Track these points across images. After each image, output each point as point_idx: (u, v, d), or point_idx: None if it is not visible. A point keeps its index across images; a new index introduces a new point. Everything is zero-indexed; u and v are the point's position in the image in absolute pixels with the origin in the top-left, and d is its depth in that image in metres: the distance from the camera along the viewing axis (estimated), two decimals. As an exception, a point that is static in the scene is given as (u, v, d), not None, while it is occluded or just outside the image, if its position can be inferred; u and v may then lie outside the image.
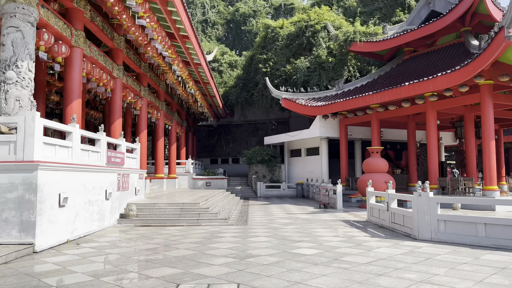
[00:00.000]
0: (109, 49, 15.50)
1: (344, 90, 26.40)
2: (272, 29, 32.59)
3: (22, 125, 8.34)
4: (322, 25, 30.78)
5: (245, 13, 50.18)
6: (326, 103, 23.95)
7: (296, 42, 31.40)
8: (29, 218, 8.09)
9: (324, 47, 30.13)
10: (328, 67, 29.25)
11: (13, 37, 8.94)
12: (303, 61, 29.86)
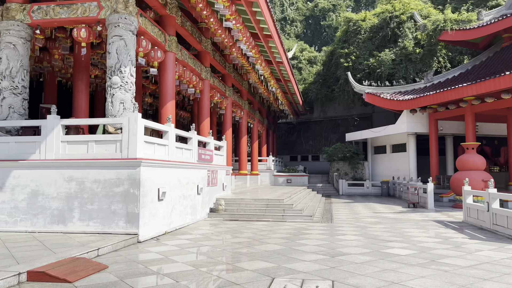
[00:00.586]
0: (197, 52, 16.31)
1: (433, 82, 24.82)
2: (353, 22, 31.70)
3: (127, 126, 9.15)
4: (408, 15, 29.22)
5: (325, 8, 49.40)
6: (414, 97, 22.72)
7: (379, 34, 30.21)
8: (133, 210, 8.86)
9: (410, 38, 28.60)
10: (416, 58, 27.70)
11: (117, 45, 9.84)
12: (387, 54, 28.63)
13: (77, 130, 9.86)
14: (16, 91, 10.22)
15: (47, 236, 8.54)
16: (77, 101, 12.79)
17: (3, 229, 9.22)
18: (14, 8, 10.27)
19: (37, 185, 9.24)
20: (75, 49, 12.67)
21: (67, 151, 9.38)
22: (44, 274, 5.48)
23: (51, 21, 10.38)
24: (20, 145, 9.54)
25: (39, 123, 9.63)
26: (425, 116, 24.53)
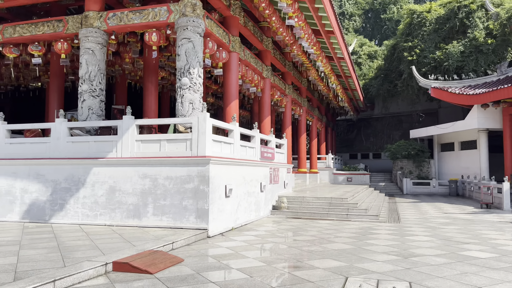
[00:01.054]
0: (258, 51, 16.49)
1: (508, 74, 23.10)
2: (417, 14, 30.31)
3: (196, 125, 9.49)
4: (479, 4, 27.41)
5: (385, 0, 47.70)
6: (486, 90, 21.29)
7: (446, 25, 28.62)
8: (203, 206, 9.17)
9: (481, 28, 26.81)
10: (487, 50, 25.93)
11: (186, 47, 10.21)
12: (455, 46, 27.07)
13: (149, 130, 10.38)
14: (94, 94, 10.96)
15: (124, 230, 9.09)
16: (147, 102, 13.45)
17: (85, 221, 9.96)
18: (92, 16, 11.01)
19: (115, 181, 9.86)
20: (145, 52, 13.33)
21: (141, 150, 9.92)
22: (127, 265, 5.86)
23: (124, 27, 11.01)
24: (98, 144, 10.24)
25: (116, 123, 10.27)
26: (498, 111, 22.89)
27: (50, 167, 10.41)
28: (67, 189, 10.19)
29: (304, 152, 24.46)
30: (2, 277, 4.99)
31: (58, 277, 4.97)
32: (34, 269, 5.42)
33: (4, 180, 10.75)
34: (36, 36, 11.72)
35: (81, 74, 11.04)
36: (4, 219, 10.64)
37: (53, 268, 5.50)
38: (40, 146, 10.77)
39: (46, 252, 6.61)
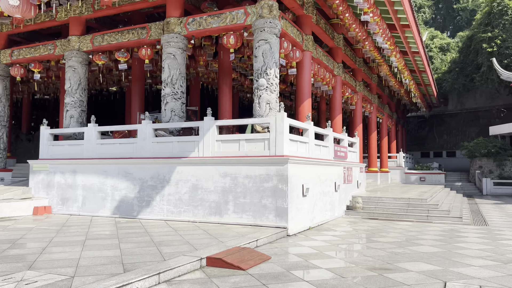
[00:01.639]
0: (329, 48, 16.30)
1: None
2: (498, 2, 28.14)
3: (274, 125, 9.62)
4: None
5: (459, -11, 44.93)
6: None
7: (532, 12, 26.31)
8: (282, 205, 9.28)
9: None
10: None
11: (263, 49, 10.38)
12: (543, 34, 24.78)
13: (228, 130, 10.70)
14: (176, 96, 11.51)
15: (207, 226, 9.46)
16: (222, 103, 13.87)
17: (170, 218, 10.50)
18: (173, 22, 11.56)
19: (197, 179, 10.29)
20: (220, 55, 13.74)
21: (221, 149, 10.26)
22: (220, 261, 6.09)
23: (203, 31, 11.43)
24: (181, 144, 10.75)
25: (197, 124, 10.71)
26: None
27: (137, 166, 11.11)
28: (153, 187, 10.81)
29: (375, 150, 23.78)
30: (115, 268, 5.43)
31: (162, 270, 5.31)
32: (137, 262, 5.83)
33: (96, 178, 11.66)
34: (122, 43, 12.55)
35: (163, 78, 11.64)
36: (97, 214, 11.54)
37: (153, 261, 5.87)
38: (128, 146, 11.53)
39: (143, 245, 7.08)
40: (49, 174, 12.46)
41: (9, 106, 15.41)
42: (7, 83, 15.04)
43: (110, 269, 5.38)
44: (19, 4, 11.23)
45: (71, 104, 13.13)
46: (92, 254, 6.33)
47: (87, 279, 4.89)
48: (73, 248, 6.83)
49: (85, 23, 13.61)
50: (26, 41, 16.43)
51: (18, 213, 11.38)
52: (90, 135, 12.06)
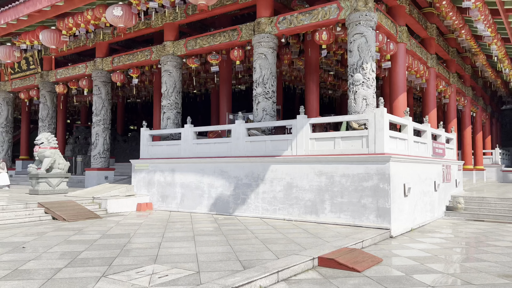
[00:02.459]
0: (421, 39, 15.38)
1: None
2: None
3: (372, 121, 9.27)
4: None
5: None
6: None
7: None
8: (384, 205, 8.90)
9: None
10: None
11: (358, 43, 10.06)
12: None
13: (321, 128, 10.53)
14: (267, 96, 11.60)
15: (304, 225, 9.39)
16: (309, 100, 13.74)
17: (265, 215, 10.62)
18: (264, 22, 11.66)
19: (291, 178, 10.27)
20: (307, 52, 13.60)
21: (315, 147, 10.13)
22: (333, 261, 5.97)
23: (294, 29, 11.38)
24: (274, 143, 10.80)
25: (290, 123, 10.70)
26: None
27: (232, 164, 11.38)
28: (247, 185, 11.01)
29: (470, 147, 22.06)
30: (233, 265, 5.56)
31: (280, 268, 5.32)
32: (252, 259, 5.91)
33: (194, 176, 12.16)
34: (214, 46, 12.95)
35: (255, 78, 11.80)
36: (195, 210, 12.04)
37: (267, 259, 5.92)
38: (222, 145, 11.87)
39: (250, 243, 7.19)
40: (150, 172, 13.26)
41: (110, 110, 16.68)
42: (109, 88, 16.30)
43: (229, 266, 5.51)
44: (122, 14, 12.07)
45: (167, 106, 13.84)
46: (206, 250, 6.56)
47: (212, 275, 5.05)
48: (186, 243, 7.14)
49: (178, 28, 14.26)
50: (123, 49, 17.67)
51: (124, 209, 12.25)
52: (186, 135, 12.61)
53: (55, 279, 4.83)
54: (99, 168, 15.96)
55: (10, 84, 20.24)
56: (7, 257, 5.99)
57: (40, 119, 18.32)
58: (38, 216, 10.29)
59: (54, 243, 7.14)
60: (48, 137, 14.15)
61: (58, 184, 14.10)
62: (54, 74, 18.04)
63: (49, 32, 14.17)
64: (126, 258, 5.94)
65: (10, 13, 14.40)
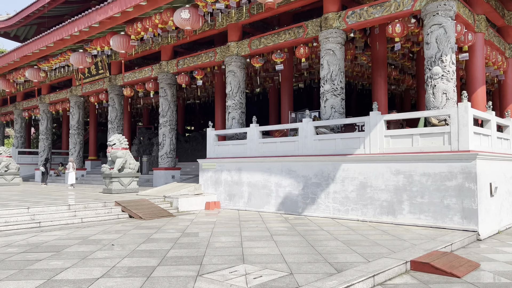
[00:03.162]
0: (497, 28, 14.34)
1: None
2: None
3: (455, 116, 8.71)
4: None
5: None
6: None
7: None
8: (470, 206, 8.33)
9: None
10: None
11: (436, 34, 9.51)
12: None
13: (397, 125, 10.09)
14: (336, 93, 11.32)
15: (381, 226, 9.03)
16: (377, 96, 13.23)
17: (336, 215, 10.36)
18: (331, 17, 11.39)
19: (365, 177, 9.92)
20: (375, 46, 13.12)
21: (390, 145, 9.71)
22: (428, 265, 5.64)
23: (363, 23, 11.01)
24: (345, 141, 10.50)
25: (362, 120, 10.35)
26: None
27: (300, 163, 11.22)
28: (317, 184, 10.80)
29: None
30: (324, 267, 5.41)
31: (376, 272, 5.10)
32: (341, 261, 5.72)
33: (261, 175, 12.15)
34: (278, 44, 12.86)
35: (322, 75, 11.56)
36: (262, 209, 12.02)
37: (358, 262, 5.70)
38: (289, 144, 11.75)
39: (332, 244, 6.99)
40: (217, 172, 13.43)
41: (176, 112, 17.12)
42: (174, 90, 16.74)
43: (320, 268, 5.36)
44: (190, 17, 12.30)
45: (232, 106, 13.95)
46: (289, 250, 6.45)
47: (306, 277, 4.93)
48: (266, 243, 7.09)
49: (242, 28, 14.33)
50: (186, 51, 18.07)
51: (193, 207, 12.50)
52: (252, 134, 12.63)
53: (153, 277, 4.94)
54: (166, 168, 16.43)
55: (81, 88, 21.42)
56: (101, 254, 6.24)
57: (109, 121, 19.20)
58: (116, 214, 10.73)
59: (140, 241, 7.37)
60: (120, 138, 14.78)
61: (129, 183, 14.68)
62: (121, 78, 18.84)
63: (119, 37, 14.79)
64: (214, 258, 5.97)
65: (83, 21, 15.20)
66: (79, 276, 4.99)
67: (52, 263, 5.68)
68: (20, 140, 27.27)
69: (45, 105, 24.40)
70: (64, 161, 27.26)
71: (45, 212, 9.84)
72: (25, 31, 29.53)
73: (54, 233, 8.26)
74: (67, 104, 23.05)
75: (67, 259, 5.88)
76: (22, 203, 10.92)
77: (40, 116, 24.59)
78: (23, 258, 6.01)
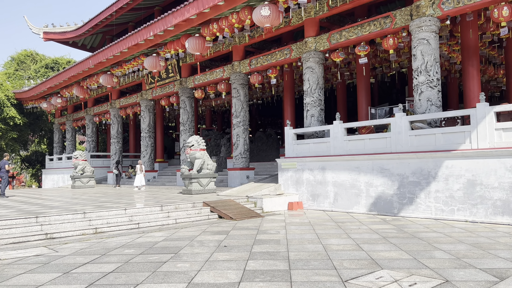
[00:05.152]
0: None
1: None
2: None
3: None
4: None
5: None
6: None
7: None
8: None
9: None
10: None
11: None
12: None
13: (507, 117, 9.21)
14: (432, 84, 10.58)
15: (499, 227, 8.24)
16: (469, 87, 12.31)
17: (439, 216, 9.63)
18: (424, 5, 10.67)
19: (473, 175, 9.14)
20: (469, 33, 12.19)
21: (503, 139, 8.87)
22: None
23: (462, 8, 10.19)
24: (446, 136, 9.76)
25: (467, 113, 9.56)
26: None
27: (394, 161, 10.59)
28: (415, 183, 10.12)
29: None
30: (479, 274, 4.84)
31: (547, 280, 4.47)
32: (493, 267, 5.13)
33: (348, 174, 11.64)
34: (362, 36, 12.27)
35: (415, 66, 10.86)
36: (351, 210, 11.50)
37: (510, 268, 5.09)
38: (379, 141, 11.14)
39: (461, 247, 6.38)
40: (297, 171, 13.08)
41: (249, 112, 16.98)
42: (246, 90, 16.61)
43: (476, 275, 4.80)
44: (270, 14, 12.04)
45: (311, 103, 13.54)
46: (418, 254, 5.92)
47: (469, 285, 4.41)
48: (386, 246, 6.60)
49: (319, 23, 13.88)
50: (257, 51, 17.90)
51: (277, 207, 12.22)
52: (336, 132, 12.15)
53: (296, 282, 4.62)
54: (241, 168, 16.32)
55: (151, 92, 21.95)
56: (221, 256, 6.05)
57: (181, 123, 19.45)
58: (207, 215, 10.67)
59: (249, 242, 7.14)
60: (198, 139, 14.84)
61: (208, 183, 14.70)
62: (192, 80, 19.04)
63: (195, 39, 14.85)
64: (344, 262, 5.57)
65: (158, 25, 15.44)
66: (218, 280, 4.79)
67: (179, 265, 5.55)
68: (92, 144, 28.50)
69: (116, 110, 25.29)
70: (133, 163, 28.19)
71: (141, 213, 9.95)
72: (92, 39, 30.97)
73: (156, 234, 8.26)
74: (137, 108, 23.73)
75: (191, 262, 5.74)
76: (114, 204, 11.16)
77: (111, 121, 25.51)
78: (146, 259, 5.94)
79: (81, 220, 8.84)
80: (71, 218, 8.92)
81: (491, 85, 21.24)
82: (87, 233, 8.46)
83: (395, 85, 24.24)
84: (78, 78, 22.67)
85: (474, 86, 12.32)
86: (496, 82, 20.43)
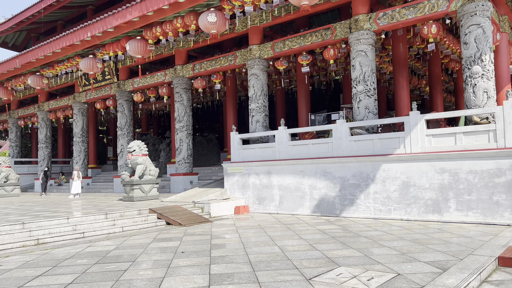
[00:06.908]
0: (510, 28, 14.77)
1: None
2: None
3: (500, 114, 8.88)
4: None
5: None
6: None
7: None
8: (521, 201, 8.50)
9: None
10: None
11: (475, 34, 9.69)
12: None
13: (437, 124, 10.21)
14: (369, 93, 11.39)
15: (430, 225, 9.09)
16: (400, 96, 13.43)
17: (377, 216, 10.39)
18: (362, 19, 11.48)
19: (407, 177, 10.00)
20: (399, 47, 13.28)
21: (432, 144, 9.82)
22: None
23: (395, 24, 11.13)
24: (383, 141, 10.57)
25: (401, 120, 10.43)
26: None
27: (336, 165, 11.23)
28: (355, 185, 10.81)
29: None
30: (425, 267, 5.37)
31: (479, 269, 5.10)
32: (433, 260, 5.71)
33: (292, 178, 12.09)
34: (304, 46, 12.86)
35: (354, 76, 11.62)
36: (296, 212, 11.95)
37: (449, 260, 5.71)
38: (322, 146, 11.73)
39: (402, 244, 6.99)
40: (243, 175, 13.30)
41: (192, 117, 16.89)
42: (189, 95, 16.52)
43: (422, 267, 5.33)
44: (216, 20, 12.18)
45: (256, 109, 13.86)
46: (367, 251, 6.40)
47: (418, 276, 4.90)
48: (337, 245, 7.01)
49: (263, 31, 14.28)
50: (200, 55, 17.89)
51: (224, 212, 12.33)
52: (281, 137, 12.57)
53: (264, 283, 4.80)
54: (184, 173, 16.16)
55: (85, 95, 20.92)
56: (182, 262, 6.04)
57: (119, 127, 18.78)
58: (154, 222, 10.48)
59: (205, 247, 7.19)
60: (140, 144, 14.48)
61: (150, 190, 14.38)
62: (131, 83, 18.49)
63: (136, 42, 14.51)
64: (303, 261, 5.86)
65: (97, 26, 14.84)
66: (186, 285, 4.81)
67: (141, 272, 5.47)
68: (16, 150, 26.41)
69: (44, 113, 23.72)
70: (63, 170, 26.56)
71: (85, 222, 9.52)
72: (14, 37, 28.70)
73: (106, 243, 7.98)
74: (69, 111, 22.47)
75: (152, 269, 5.68)
76: (53, 213, 10.54)
77: (39, 124, 23.86)
78: (104, 268, 5.77)
79: (20, 231, 8.26)
80: (8, 229, 8.30)
81: (415, 94, 23.17)
82: (28, 244, 7.93)
83: (327, 92, 25.47)
84: (1, 78, 20.93)
85: (404, 95, 13.46)
86: (419, 91, 22.36)
